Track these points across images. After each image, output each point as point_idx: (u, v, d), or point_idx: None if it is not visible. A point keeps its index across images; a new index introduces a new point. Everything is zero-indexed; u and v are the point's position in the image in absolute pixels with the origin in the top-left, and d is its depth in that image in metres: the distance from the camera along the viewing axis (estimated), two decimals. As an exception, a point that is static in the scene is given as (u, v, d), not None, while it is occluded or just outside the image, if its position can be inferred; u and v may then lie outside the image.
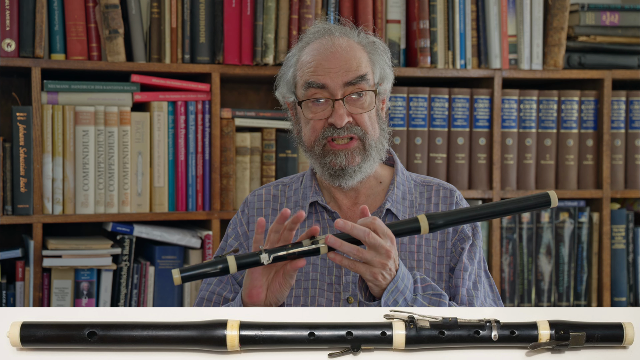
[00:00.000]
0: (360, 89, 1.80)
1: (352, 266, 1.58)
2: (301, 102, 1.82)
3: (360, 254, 1.57)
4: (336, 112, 1.78)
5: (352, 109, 1.80)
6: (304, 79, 1.81)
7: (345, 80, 1.79)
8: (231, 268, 1.56)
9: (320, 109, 1.81)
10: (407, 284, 1.64)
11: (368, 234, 1.56)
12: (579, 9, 2.98)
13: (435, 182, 1.93)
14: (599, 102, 2.98)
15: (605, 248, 2.99)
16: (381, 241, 1.57)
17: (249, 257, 1.58)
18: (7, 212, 2.57)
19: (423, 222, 1.60)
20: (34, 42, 2.57)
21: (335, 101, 1.78)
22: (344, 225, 1.57)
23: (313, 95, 1.80)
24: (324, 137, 1.80)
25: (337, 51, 1.81)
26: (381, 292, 1.61)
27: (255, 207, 1.94)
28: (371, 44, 1.86)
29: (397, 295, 1.61)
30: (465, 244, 1.84)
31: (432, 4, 2.84)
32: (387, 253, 1.58)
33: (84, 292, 2.62)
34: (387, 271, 1.59)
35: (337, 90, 1.79)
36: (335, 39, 1.83)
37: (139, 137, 2.68)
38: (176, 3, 2.68)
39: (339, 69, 1.79)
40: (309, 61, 1.81)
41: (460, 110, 2.89)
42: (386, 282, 1.60)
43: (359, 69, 1.80)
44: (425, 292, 1.69)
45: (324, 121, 1.80)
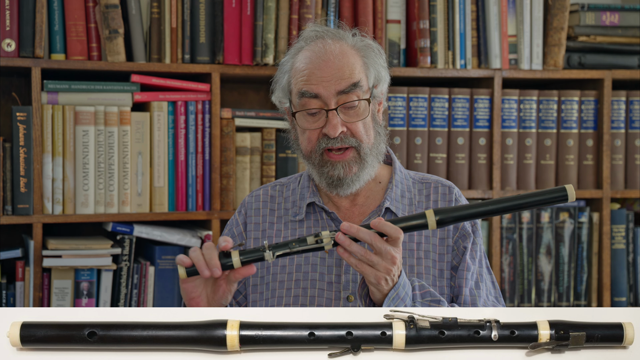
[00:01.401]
0: (354, 96, 1.79)
1: (358, 266, 1.58)
2: (295, 113, 1.82)
3: (367, 256, 1.57)
4: (330, 123, 1.77)
5: (346, 118, 1.79)
6: (298, 88, 1.81)
7: (338, 89, 1.78)
8: (235, 264, 1.58)
9: (314, 120, 1.80)
10: (408, 292, 1.65)
11: (374, 237, 1.56)
12: (579, 9, 2.98)
13: (434, 179, 1.93)
14: (599, 102, 2.98)
15: (605, 248, 2.99)
16: (388, 247, 1.57)
17: (253, 253, 1.59)
18: (7, 212, 2.57)
19: (430, 217, 1.59)
20: (34, 42, 2.57)
21: (329, 111, 1.78)
22: (349, 228, 1.57)
23: (306, 104, 1.79)
24: (320, 148, 1.80)
25: (330, 59, 1.79)
26: (382, 298, 1.61)
27: (253, 208, 1.94)
28: (365, 47, 1.84)
29: (398, 302, 1.62)
30: (467, 242, 1.84)
31: (432, 4, 2.84)
32: (393, 259, 1.58)
33: (84, 292, 2.62)
34: (390, 277, 1.59)
35: (330, 99, 1.78)
36: (327, 45, 1.81)
37: (139, 137, 2.68)
38: (176, 3, 2.68)
39: (332, 77, 1.78)
40: (302, 69, 1.80)
41: (460, 110, 2.89)
42: (388, 288, 1.60)
43: (352, 76, 1.79)
44: (424, 298, 1.70)
45: (318, 131, 1.80)
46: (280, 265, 1.85)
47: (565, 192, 1.57)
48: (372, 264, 1.57)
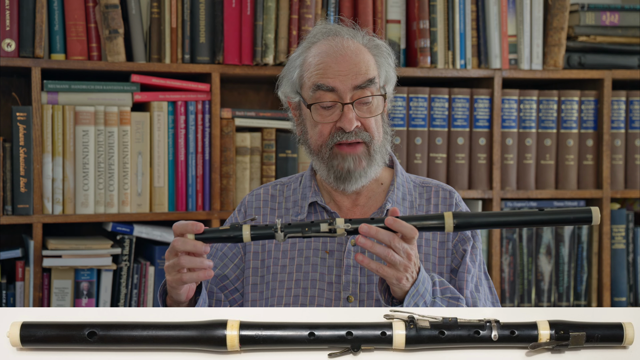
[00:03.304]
0: (369, 92, 1.80)
1: (379, 270, 1.59)
2: (310, 105, 1.82)
3: (391, 256, 1.57)
4: (345, 117, 1.78)
5: (361, 113, 1.80)
6: (312, 81, 1.80)
7: (354, 84, 1.78)
8: (245, 238, 1.59)
9: (328, 113, 1.80)
10: (427, 287, 1.65)
11: (393, 238, 1.57)
12: (579, 9, 2.98)
13: (434, 184, 1.93)
14: (599, 102, 2.98)
15: (605, 248, 2.99)
16: (405, 245, 1.58)
17: (265, 230, 1.59)
18: (7, 212, 2.57)
19: (449, 219, 1.58)
20: (34, 42, 2.57)
21: (345, 105, 1.78)
22: (369, 230, 1.57)
23: (321, 97, 1.79)
24: (332, 142, 1.80)
25: (347, 54, 1.80)
26: (403, 295, 1.62)
27: (254, 207, 1.94)
28: (376, 47, 1.86)
29: (418, 298, 1.63)
30: (466, 246, 1.84)
31: (432, 4, 2.84)
32: (409, 256, 1.59)
33: (84, 292, 2.62)
34: (409, 273, 1.60)
35: (346, 93, 1.78)
36: (344, 41, 1.82)
37: (139, 137, 2.68)
38: (176, 3, 2.68)
39: (349, 72, 1.78)
40: (317, 63, 1.81)
41: (460, 110, 2.89)
42: (409, 284, 1.61)
43: (368, 72, 1.80)
44: (444, 295, 1.71)
45: (332, 125, 1.80)
46: (281, 265, 1.85)
47: (590, 214, 1.54)
48: (394, 264, 1.58)
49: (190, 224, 1.60)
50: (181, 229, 1.60)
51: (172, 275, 1.61)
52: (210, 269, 1.61)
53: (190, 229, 1.60)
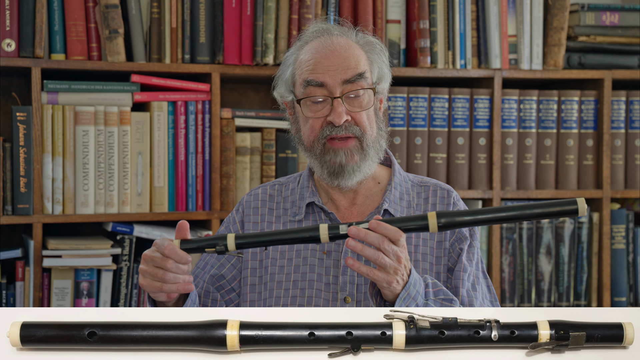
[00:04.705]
0: (358, 87, 1.80)
1: (370, 274, 1.58)
2: (300, 100, 1.82)
3: (380, 259, 1.57)
4: (335, 111, 1.78)
5: (351, 108, 1.80)
6: (303, 77, 1.82)
7: (344, 78, 1.79)
8: (230, 246, 1.59)
9: (319, 108, 1.81)
10: (419, 290, 1.65)
11: (383, 240, 1.56)
12: (579, 9, 2.98)
13: (433, 183, 1.93)
14: (599, 102, 2.98)
15: (605, 248, 2.99)
16: (394, 247, 1.58)
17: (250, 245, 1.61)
18: (7, 212, 2.57)
19: (432, 219, 1.57)
20: (34, 42, 2.57)
21: (334, 99, 1.79)
22: (358, 233, 1.56)
23: (312, 93, 1.80)
24: (323, 137, 1.80)
25: (336, 49, 1.81)
26: (394, 298, 1.61)
27: (252, 207, 1.94)
28: (369, 44, 1.87)
29: (409, 301, 1.62)
30: (463, 245, 1.84)
31: (432, 4, 2.84)
32: (398, 259, 1.58)
33: (84, 292, 2.62)
34: (400, 276, 1.59)
35: (335, 88, 1.79)
36: (333, 38, 1.84)
37: (139, 137, 2.68)
38: (176, 3, 2.68)
39: (338, 67, 1.79)
40: (307, 59, 1.82)
41: (460, 110, 2.89)
42: (400, 287, 1.60)
43: (358, 67, 1.80)
44: (437, 296, 1.70)
45: (322, 120, 1.80)
46: (279, 265, 1.85)
47: (576, 206, 1.52)
48: (384, 267, 1.57)
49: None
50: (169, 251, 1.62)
51: (147, 281, 1.61)
52: (190, 284, 1.61)
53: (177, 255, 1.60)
